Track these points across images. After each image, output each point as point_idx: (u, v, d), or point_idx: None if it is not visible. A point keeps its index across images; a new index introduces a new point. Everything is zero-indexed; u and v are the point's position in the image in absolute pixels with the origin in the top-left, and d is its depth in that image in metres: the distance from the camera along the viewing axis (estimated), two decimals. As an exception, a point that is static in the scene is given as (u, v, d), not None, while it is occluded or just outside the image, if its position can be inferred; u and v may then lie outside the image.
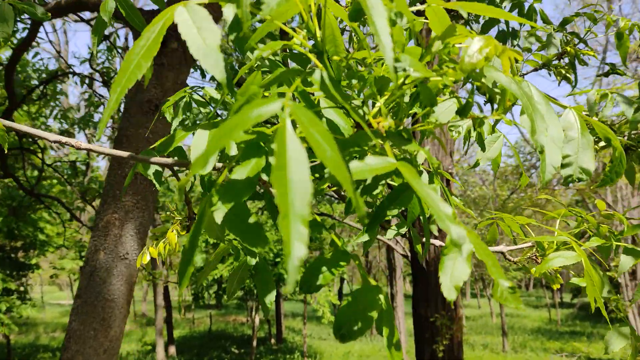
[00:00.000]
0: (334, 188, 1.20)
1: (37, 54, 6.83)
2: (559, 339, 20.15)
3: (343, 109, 0.88)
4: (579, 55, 2.09)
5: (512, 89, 0.84)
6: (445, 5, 0.80)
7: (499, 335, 21.39)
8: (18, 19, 4.22)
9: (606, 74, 2.17)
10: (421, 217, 0.95)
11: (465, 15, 0.76)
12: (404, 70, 0.71)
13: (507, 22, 2.27)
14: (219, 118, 1.37)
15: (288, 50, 1.12)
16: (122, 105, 4.16)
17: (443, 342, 6.11)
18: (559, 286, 1.61)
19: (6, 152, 0.86)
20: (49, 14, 1.59)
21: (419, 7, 0.83)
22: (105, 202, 3.38)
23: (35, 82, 7.02)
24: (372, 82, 0.85)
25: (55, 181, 8.65)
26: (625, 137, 1.89)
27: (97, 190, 8.69)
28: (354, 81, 0.82)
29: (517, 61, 0.88)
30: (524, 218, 1.77)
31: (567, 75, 2.11)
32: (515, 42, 2.46)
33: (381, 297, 0.88)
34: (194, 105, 1.46)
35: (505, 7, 2.34)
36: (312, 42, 0.84)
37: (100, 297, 3.19)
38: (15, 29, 4.80)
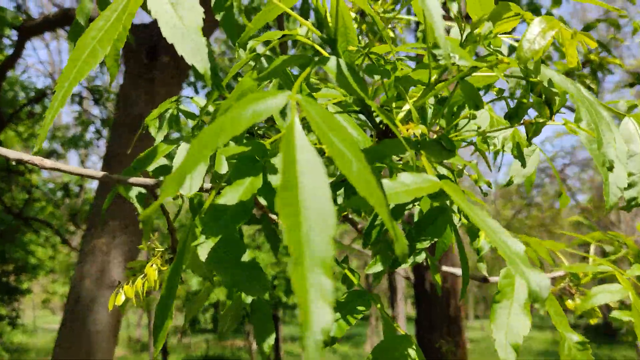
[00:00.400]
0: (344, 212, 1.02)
1: (24, 71, 6.68)
2: (564, 362, 19.66)
3: (359, 113, 0.69)
4: (605, 64, 1.93)
5: (570, 90, 0.67)
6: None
7: (501, 358, 20.97)
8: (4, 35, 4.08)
9: (631, 85, 2.01)
10: (457, 249, 0.76)
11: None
12: (448, 58, 0.52)
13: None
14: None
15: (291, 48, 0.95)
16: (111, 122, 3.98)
17: (449, 368, 5.89)
18: (596, 320, 1.42)
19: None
20: (20, 18, 1.42)
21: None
22: (92, 226, 3.17)
23: (22, 99, 6.85)
24: (395, 80, 0.67)
25: (44, 203, 8.42)
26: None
27: (87, 212, 8.44)
28: (376, 77, 0.63)
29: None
30: (553, 242, 1.58)
31: (591, 85, 1.94)
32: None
33: (412, 352, 0.69)
34: (183, 117, 1.28)
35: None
36: (321, 33, 0.66)
37: (85, 328, 2.97)
38: (1, 46, 4.65)
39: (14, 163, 0.99)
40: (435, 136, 0.66)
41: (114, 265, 3.07)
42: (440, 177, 0.60)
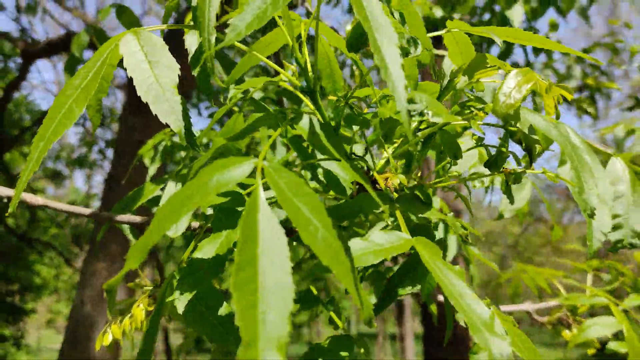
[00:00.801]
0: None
1: (28, 94, 6.75)
2: (575, 382, 19.49)
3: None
4: (602, 89, 1.93)
5: (553, 135, 0.67)
6: (471, 30, 0.63)
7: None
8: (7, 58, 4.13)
9: (630, 109, 2.00)
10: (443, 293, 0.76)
11: (500, 44, 0.59)
12: (420, 114, 0.53)
13: (525, 52, 2.12)
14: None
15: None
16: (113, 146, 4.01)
17: (456, 386, 5.80)
18: (594, 351, 1.40)
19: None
20: (18, 50, 1.44)
21: (436, 33, 0.65)
22: (92, 250, 3.18)
23: (27, 120, 6.91)
24: (378, 125, 0.67)
25: (48, 223, 8.45)
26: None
27: (91, 233, 8.45)
28: (355, 127, 0.64)
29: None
30: (550, 270, 1.57)
31: (589, 109, 1.94)
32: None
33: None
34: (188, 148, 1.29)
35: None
36: (300, 83, 0.66)
37: (84, 352, 2.96)
38: (4, 67, 4.71)
39: (5, 200, 1.00)
40: (414, 183, 0.66)
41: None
42: (419, 228, 0.60)
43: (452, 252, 1.42)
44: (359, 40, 0.60)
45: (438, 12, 1.56)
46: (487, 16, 1.92)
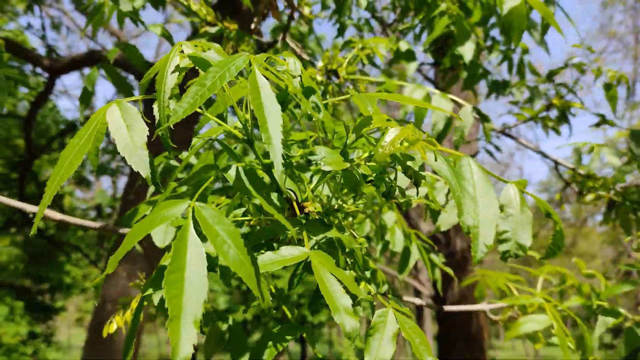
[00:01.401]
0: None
1: (54, 106, 7.13)
2: (598, 383, 19.26)
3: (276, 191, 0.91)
4: (567, 108, 2.10)
5: (442, 170, 0.87)
6: (368, 95, 0.85)
7: (535, 380, 20.60)
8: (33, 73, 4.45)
9: (597, 125, 2.17)
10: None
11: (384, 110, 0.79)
12: (316, 164, 0.74)
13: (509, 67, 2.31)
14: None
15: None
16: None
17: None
18: (541, 346, 1.59)
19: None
20: (41, 82, 1.68)
21: (343, 97, 0.87)
22: (113, 252, 3.45)
23: (54, 130, 7.32)
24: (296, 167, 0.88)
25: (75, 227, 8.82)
26: (611, 192, 1.88)
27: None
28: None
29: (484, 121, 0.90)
30: (508, 275, 1.76)
31: (555, 127, 2.11)
32: (506, 92, 2.49)
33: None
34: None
35: (495, 58, 2.38)
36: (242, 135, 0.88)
37: (107, 349, 3.22)
38: (34, 82, 5.07)
39: (31, 215, 1.24)
40: (327, 208, 0.88)
41: (134, 289, 3.33)
42: (328, 245, 0.81)
43: (414, 257, 1.63)
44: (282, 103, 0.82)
45: (404, 46, 1.77)
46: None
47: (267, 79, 0.70)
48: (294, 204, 0.82)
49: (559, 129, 2.12)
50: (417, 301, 1.67)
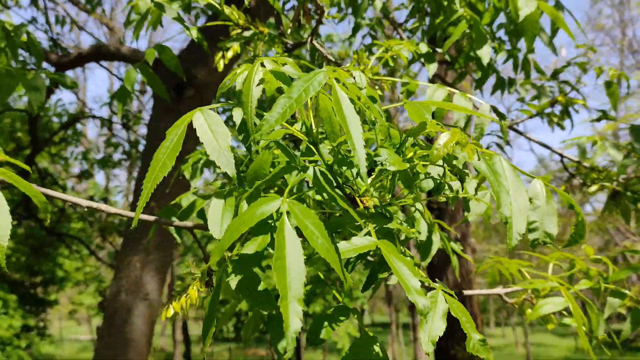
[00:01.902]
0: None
1: (59, 99, 7.16)
2: (587, 369, 19.78)
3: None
4: (570, 104, 2.23)
5: (481, 168, 0.99)
6: (422, 103, 0.96)
7: (525, 365, 21.00)
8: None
9: (597, 120, 2.30)
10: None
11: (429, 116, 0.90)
12: (382, 164, 0.85)
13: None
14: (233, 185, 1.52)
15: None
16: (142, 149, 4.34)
17: (465, 375, 6.13)
18: (553, 326, 1.72)
19: (48, 222, 1.02)
20: (77, 83, 1.77)
21: (397, 104, 0.98)
22: (127, 244, 3.54)
23: (56, 123, 7.37)
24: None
25: (75, 218, 8.92)
26: (614, 183, 2.01)
27: (115, 226, 8.92)
28: (344, 167, 0.96)
29: (504, 115, 1.01)
30: (520, 261, 1.89)
31: (559, 123, 2.24)
32: (512, 90, 2.61)
33: (377, 347, 1.02)
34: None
35: (501, 58, 2.50)
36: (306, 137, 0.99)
37: (122, 337, 3.33)
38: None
39: (85, 209, 1.34)
40: (385, 203, 0.99)
41: (147, 279, 3.43)
42: (385, 234, 0.93)
43: (436, 246, 1.75)
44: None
45: (423, 48, 1.88)
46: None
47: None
48: (356, 198, 0.93)
49: (562, 124, 2.25)
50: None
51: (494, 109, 1.61)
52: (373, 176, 1.00)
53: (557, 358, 23.23)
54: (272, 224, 0.95)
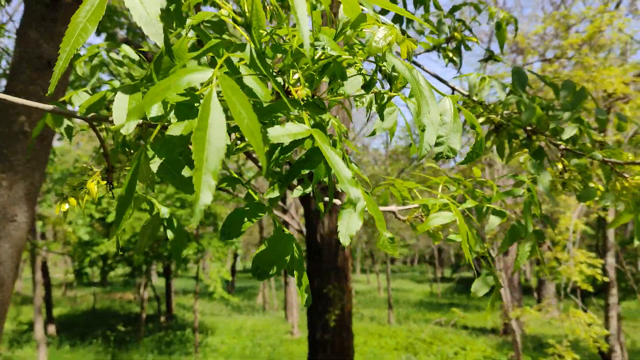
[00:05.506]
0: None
1: None
2: (439, 310, 21.92)
3: (264, 77, 0.99)
4: (464, 41, 2.34)
5: (406, 74, 1.00)
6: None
7: (385, 308, 22.70)
8: None
9: (486, 60, 2.45)
10: (326, 179, 1.10)
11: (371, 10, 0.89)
12: (323, 48, 0.84)
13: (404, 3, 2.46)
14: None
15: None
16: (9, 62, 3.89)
17: (335, 312, 6.49)
18: (439, 242, 1.85)
19: None
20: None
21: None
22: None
23: None
24: (291, 54, 0.97)
25: None
26: (499, 116, 2.17)
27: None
28: (279, 55, 0.93)
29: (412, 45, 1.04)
30: (412, 183, 1.99)
31: (454, 58, 2.35)
32: (410, 25, 2.67)
33: (293, 244, 1.03)
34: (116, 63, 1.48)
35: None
36: (240, 19, 0.94)
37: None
38: None
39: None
40: (316, 96, 0.98)
41: (16, 199, 3.15)
42: (315, 126, 0.92)
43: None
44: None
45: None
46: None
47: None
48: (290, 88, 0.91)
49: (456, 60, 2.37)
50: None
51: (403, 32, 1.64)
52: (304, 67, 0.98)
53: (414, 301, 25.46)
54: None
